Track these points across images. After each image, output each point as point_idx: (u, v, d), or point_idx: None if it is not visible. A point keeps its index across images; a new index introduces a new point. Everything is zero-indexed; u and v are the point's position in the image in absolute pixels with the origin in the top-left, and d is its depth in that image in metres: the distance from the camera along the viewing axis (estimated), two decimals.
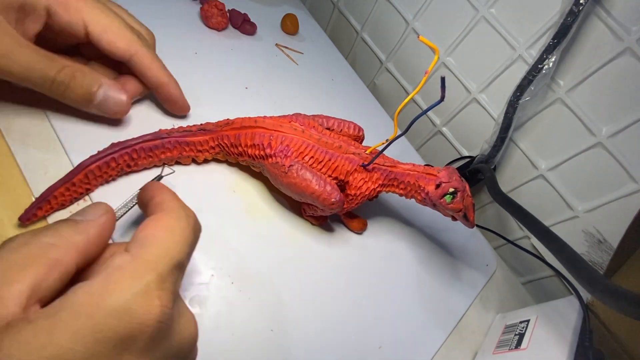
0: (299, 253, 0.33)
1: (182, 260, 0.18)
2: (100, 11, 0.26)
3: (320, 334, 0.30)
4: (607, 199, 0.41)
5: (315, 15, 0.60)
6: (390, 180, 0.33)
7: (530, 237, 0.50)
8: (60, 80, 0.25)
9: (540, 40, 0.42)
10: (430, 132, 0.56)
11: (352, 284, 0.34)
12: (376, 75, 0.60)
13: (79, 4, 0.25)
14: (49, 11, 0.24)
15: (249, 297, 0.29)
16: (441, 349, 0.35)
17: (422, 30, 0.51)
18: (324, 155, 0.31)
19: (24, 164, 0.26)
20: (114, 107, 0.28)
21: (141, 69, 0.28)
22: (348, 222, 0.36)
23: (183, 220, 0.19)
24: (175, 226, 0.19)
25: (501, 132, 0.45)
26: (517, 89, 0.43)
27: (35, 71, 0.23)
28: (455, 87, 0.50)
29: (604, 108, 0.40)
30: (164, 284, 0.16)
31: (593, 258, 0.44)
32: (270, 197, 0.35)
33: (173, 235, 0.18)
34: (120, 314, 0.15)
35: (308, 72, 0.49)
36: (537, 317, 0.36)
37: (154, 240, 0.18)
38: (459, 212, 0.31)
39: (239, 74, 0.42)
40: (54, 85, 0.25)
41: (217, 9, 0.43)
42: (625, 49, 0.36)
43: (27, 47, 0.23)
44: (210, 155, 0.32)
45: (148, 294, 0.16)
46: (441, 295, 0.38)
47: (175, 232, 0.19)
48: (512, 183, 0.50)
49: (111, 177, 0.28)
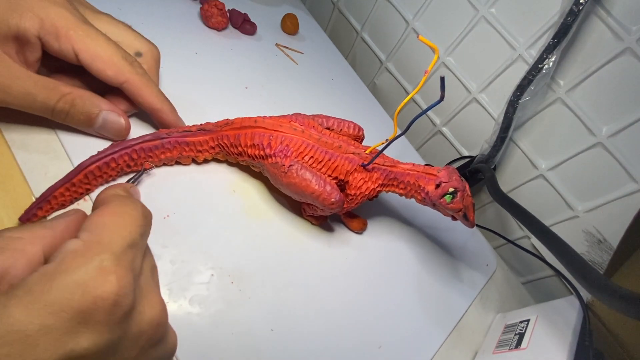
0: (299, 253, 0.33)
1: (135, 240, 0.19)
2: (90, 39, 0.26)
3: (320, 334, 0.30)
4: (607, 199, 0.41)
5: (315, 15, 0.60)
6: (390, 180, 0.33)
7: (530, 236, 0.50)
8: (60, 108, 0.26)
9: (540, 40, 0.42)
10: (430, 132, 0.56)
11: (352, 284, 0.34)
12: (376, 75, 0.60)
13: (69, 33, 0.25)
14: (41, 40, 0.24)
15: (249, 297, 0.29)
16: (441, 349, 0.35)
17: (422, 30, 0.51)
18: (324, 155, 0.31)
19: (24, 164, 0.26)
20: (113, 130, 0.29)
21: (133, 95, 0.28)
22: (348, 222, 0.36)
23: (128, 205, 0.20)
24: (120, 210, 0.20)
25: (501, 132, 0.45)
26: (517, 89, 0.43)
27: (35, 102, 0.24)
28: (455, 87, 0.50)
29: (604, 108, 0.40)
30: (119, 262, 0.17)
31: (593, 258, 0.44)
32: (270, 197, 0.35)
33: (121, 217, 0.19)
34: (74, 288, 0.15)
35: (308, 72, 0.49)
36: (537, 317, 0.36)
37: (102, 224, 0.18)
38: (458, 212, 0.31)
39: (239, 74, 0.42)
40: (54, 113, 0.26)
41: (217, 9, 0.43)
42: (625, 48, 0.36)
43: (27, 78, 0.24)
44: (210, 155, 0.32)
45: (103, 270, 0.16)
46: (441, 295, 0.38)
47: (122, 215, 0.19)
48: (512, 183, 0.50)
49: (111, 177, 0.28)
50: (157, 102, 0.29)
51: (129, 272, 0.17)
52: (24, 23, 0.23)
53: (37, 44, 0.24)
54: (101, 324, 0.16)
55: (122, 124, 0.29)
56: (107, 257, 0.17)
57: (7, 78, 0.23)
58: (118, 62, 0.27)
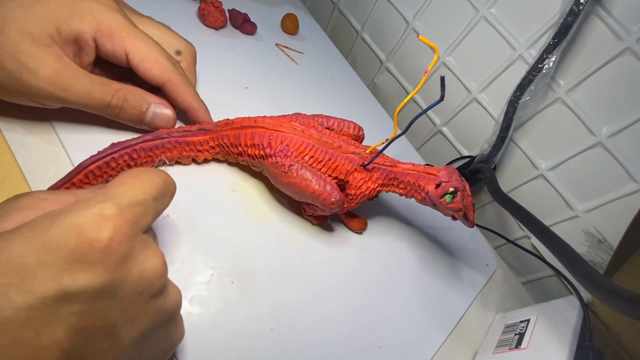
0: (299, 253, 0.33)
1: (146, 199, 0.19)
2: (140, 41, 0.28)
3: (320, 334, 0.30)
4: (607, 198, 0.41)
5: (315, 15, 0.60)
6: (390, 179, 0.33)
7: (530, 236, 0.50)
8: (115, 104, 0.28)
9: (541, 40, 0.42)
10: (430, 131, 0.56)
11: (352, 284, 0.34)
12: (376, 75, 0.60)
13: (122, 34, 0.27)
14: (96, 42, 0.26)
15: (249, 297, 0.29)
16: (441, 349, 0.35)
17: (422, 30, 0.51)
18: (324, 154, 0.31)
19: (24, 164, 0.26)
20: (161, 122, 0.30)
21: (173, 94, 0.30)
22: (348, 222, 0.36)
23: (149, 171, 0.21)
24: (140, 174, 0.20)
25: (501, 132, 0.45)
26: (517, 89, 0.43)
27: (93, 99, 0.26)
28: (455, 87, 0.50)
29: (604, 108, 0.40)
30: (121, 212, 0.17)
31: (593, 258, 0.44)
32: (270, 197, 0.35)
33: (137, 179, 0.20)
34: (71, 229, 0.16)
35: (308, 72, 0.49)
36: (537, 316, 0.36)
37: (118, 181, 0.19)
38: (459, 212, 0.31)
39: (239, 74, 0.42)
40: (110, 108, 0.28)
41: (214, 7, 0.43)
42: (625, 48, 0.36)
43: (85, 77, 0.26)
44: (210, 155, 0.32)
45: (102, 217, 0.17)
46: (441, 295, 0.38)
47: (139, 176, 0.20)
48: (512, 183, 0.50)
49: (111, 177, 0.28)
50: (194, 101, 0.31)
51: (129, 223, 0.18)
52: (84, 26, 0.25)
53: (93, 47, 0.26)
54: (96, 265, 0.16)
55: (170, 115, 0.30)
56: (108, 206, 0.17)
57: (69, 77, 0.25)
58: (163, 63, 0.29)
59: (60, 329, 0.16)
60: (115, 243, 0.17)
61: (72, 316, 0.16)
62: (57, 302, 0.15)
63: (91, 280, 0.16)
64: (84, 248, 0.16)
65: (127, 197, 0.18)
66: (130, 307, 0.18)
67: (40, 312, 0.15)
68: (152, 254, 0.19)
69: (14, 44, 0.23)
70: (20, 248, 0.15)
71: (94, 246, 0.16)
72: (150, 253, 0.19)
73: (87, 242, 0.16)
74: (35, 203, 0.18)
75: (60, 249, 0.16)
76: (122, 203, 0.18)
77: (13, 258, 0.15)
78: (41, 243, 0.16)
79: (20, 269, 0.15)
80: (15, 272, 0.15)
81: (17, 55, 0.23)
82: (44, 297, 0.15)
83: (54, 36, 0.24)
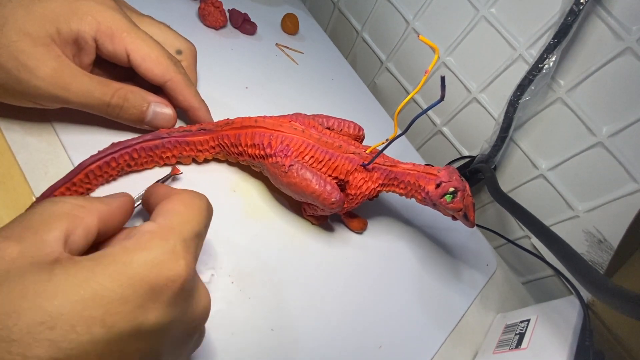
0: (299, 253, 0.33)
1: (201, 230, 0.20)
2: (141, 40, 0.28)
3: (321, 334, 0.30)
4: (607, 198, 0.41)
5: (315, 15, 0.60)
6: (391, 179, 0.33)
7: (530, 236, 0.50)
8: (115, 103, 0.27)
9: (541, 39, 0.42)
10: (430, 131, 0.56)
11: (352, 284, 0.34)
12: (376, 75, 0.60)
13: (123, 34, 0.27)
14: (97, 42, 0.26)
15: (249, 297, 0.29)
16: (441, 349, 0.35)
17: (423, 30, 0.51)
18: (324, 154, 0.31)
19: (24, 164, 0.26)
20: (162, 121, 0.30)
21: (174, 93, 0.30)
22: (348, 222, 0.36)
23: (197, 197, 0.22)
24: (191, 202, 0.21)
25: (501, 132, 0.45)
26: (518, 89, 0.43)
27: (93, 98, 0.26)
28: (455, 87, 0.50)
29: (604, 108, 0.40)
30: (188, 248, 0.18)
31: (593, 258, 0.44)
32: (270, 197, 0.35)
33: (191, 209, 0.20)
34: (152, 266, 0.16)
35: (308, 72, 0.49)
36: (537, 316, 0.36)
37: (175, 212, 0.20)
38: (459, 212, 0.31)
39: (239, 74, 0.42)
40: (110, 108, 0.27)
41: (214, 7, 0.43)
42: (625, 48, 0.36)
43: (84, 76, 0.26)
44: (210, 155, 0.32)
45: (175, 254, 0.17)
46: (441, 295, 0.38)
47: (192, 206, 0.21)
48: (512, 183, 0.50)
49: (112, 177, 0.28)
50: (195, 101, 0.31)
51: (194, 259, 0.18)
52: (84, 26, 0.25)
53: (93, 47, 0.26)
54: (167, 303, 0.17)
55: (171, 114, 0.30)
56: (179, 242, 0.18)
57: (68, 76, 0.25)
58: (165, 62, 0.29)
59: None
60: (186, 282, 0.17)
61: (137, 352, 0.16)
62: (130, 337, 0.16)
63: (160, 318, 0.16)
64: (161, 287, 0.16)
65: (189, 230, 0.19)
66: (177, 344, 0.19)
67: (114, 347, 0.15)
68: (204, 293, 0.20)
69: (14, 44, 0.23)
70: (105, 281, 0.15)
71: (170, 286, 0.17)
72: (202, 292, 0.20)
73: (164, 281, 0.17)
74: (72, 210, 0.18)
75: (141, 286, 0.16)
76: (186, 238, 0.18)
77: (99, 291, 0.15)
78: (126, 278, 0.16)
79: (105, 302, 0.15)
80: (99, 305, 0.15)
81: (17, 55, 0.23)
82: (121, 332, 0.15)
83: (54, 36, 0.24)
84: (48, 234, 0.17)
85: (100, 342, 0.15)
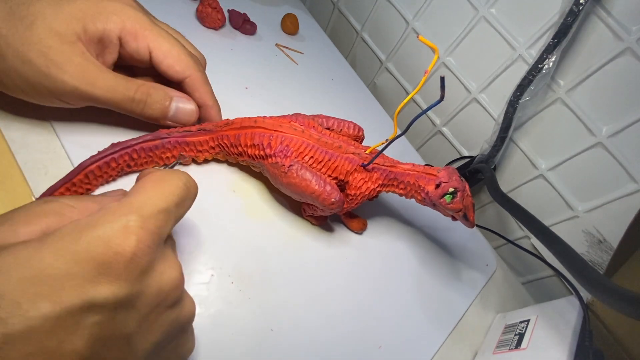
0: (298, 253, 0.33)
1: (168, 207, 0.20)
2: (163, 38, 0.28)
3: (320, 334, 0.30)
4: (607, 199, 0.41)
5: (315, 15, 0.60)
6: (390, 180, 0.33)
7: (530, 237, 0.50)
8: (139, 98, 0.28)
9: (541, 40, 0.42)
10: (430, 132, 0.56)
11: (352, 284, 0.34)
12: (376, 75, 0.60)
13: (146, 33, 0.28)
14: (121, 40, 0.27)
15: (249, 297, 0.29)
16: (441, 349, 0.35)
17: (422, 30, 0.51)
18: (324, 155, 0.31)
19: (24, 164, 0.26)
20: (184, 116, 0.30)
21: (192, 90, 0.31)
22: (348, 222, 0.36)
23: (170, 174, 0.21)
24: (161, 178, 0.21)
25: (501, 132, 0.45)
26: (517, 89, 0.43)
27: (117, 94, 0.27)
28: (455, 87, 0.50)
29: (604, 108, 0.40)
30: (144, 224, 0.18)
31: (593, 258, 0.44)
32: (270, 197, 0.35)
33: (160, 185, 0.20)
34: (99, 242, 0.17)
35: (308, 72, 0.49)
36: (537, 317, 0.36)
37: (141, 188, 0.20)
38: (458, 212, 0.31)
39: (239, 74, 0.42)
40: (135, 103, 0.28)
41: (211, 8, 0.43)
42: (625, 48, 0.36)
43: (108, 73, 0.26)
44: (210, 156, 0.32)
45: (127, 230, 0.17)
46: (441, 295, 0.38)
47: (161, 182, 0.20)
48: (512, 183, 0.50)
49: (111, 177, 0.28)
50: (210, 99, 0.32)
51: (152, 235, 0.18)
52: (110, 25, 0.26)
53: (117, 46, 0.27)
54: (120, 278, 0.17)
55: (193, 109, 0.31)
56: (133, 218, 0.18)
57: (94, 72, 0.26)
58: (185, 59, 0.29)
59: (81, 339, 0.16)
60: (137, 257, 0.17)
61: (93, 326, 0.16)
62: (81, 312, 0.16)
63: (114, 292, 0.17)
64: (110, 261, 0.17)
65: (150, 206, 0.19)
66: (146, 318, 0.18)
67: (65, 322, 0.15)
68: (170, 265, 0.20)
69: (42, 41, 0.24)
70: (50, 258, 0.16)
71: (119, 260, 0.17)
72: (168, 265, 0.20)
73: (112, 255, 0.17)
74: (61, 209, 0.19)
75: (88, 262, 0.16)
76: (145, 213, 0.18)
77: (43, 268, 0.15)
78: (71, 255, 0.16)
79: (50, 279, 0.15)
80: (44, 282, 0.15)
81: (45, 51, 0.24)
82: (70, 307, 0.15)
83: (80, 35, 0.25)
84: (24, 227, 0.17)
85: (50, 317, 0.15)
